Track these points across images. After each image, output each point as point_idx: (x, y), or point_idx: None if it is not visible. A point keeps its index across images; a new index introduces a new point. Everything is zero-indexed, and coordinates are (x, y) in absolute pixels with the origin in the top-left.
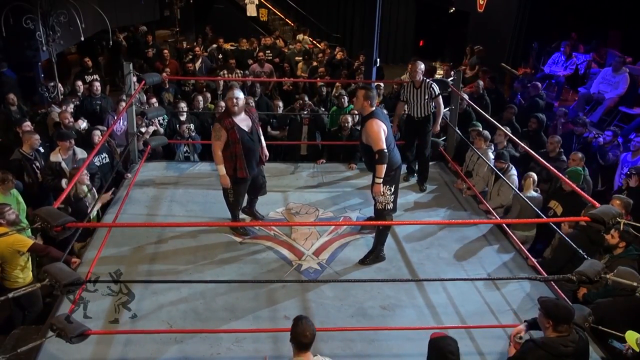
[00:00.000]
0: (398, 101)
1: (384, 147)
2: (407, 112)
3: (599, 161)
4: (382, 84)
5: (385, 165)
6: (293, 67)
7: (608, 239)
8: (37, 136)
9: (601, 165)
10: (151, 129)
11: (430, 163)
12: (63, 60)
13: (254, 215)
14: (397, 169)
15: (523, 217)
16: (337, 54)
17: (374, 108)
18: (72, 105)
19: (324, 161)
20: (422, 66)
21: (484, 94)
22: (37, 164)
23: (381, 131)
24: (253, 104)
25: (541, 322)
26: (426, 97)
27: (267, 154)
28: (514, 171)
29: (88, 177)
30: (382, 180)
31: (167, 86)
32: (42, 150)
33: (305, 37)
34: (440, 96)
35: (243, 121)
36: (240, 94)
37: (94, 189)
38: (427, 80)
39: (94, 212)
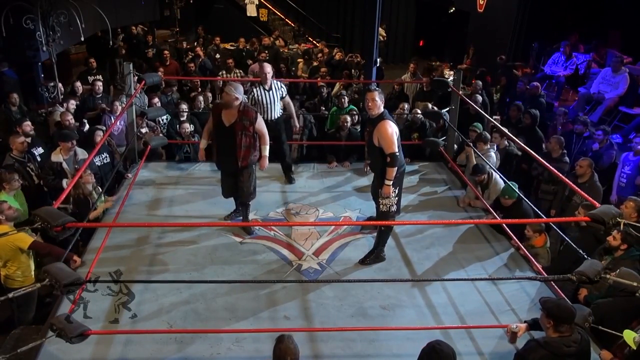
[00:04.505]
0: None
1: (396, 150)
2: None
3: (595, 166)
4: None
5: (396, 168)
6: (289, 67)
7: (610, 241)
8: (22, 138)
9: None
10: (150, 134)
11: (430, 163)
12: (65, 60)
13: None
14: (402, 171)
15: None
16: (336, 55)
17: (383, 109)
18: (73, 103)
19: (336, 164)
20: (269, 69)
21: (483, 94)
22: (31, 166)
23: (394, 134)
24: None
25: (542, 322)
26: (278, 98)
27: (265, 165)
28: (496, 176)
29: (92, 177)
30: (392, 182)
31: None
32: (42, 150)
33: (382, 29)
34: (288, 96)
35: (228, 115)
36: (230, 90)
37: (98, 187)
38: (275, 81)
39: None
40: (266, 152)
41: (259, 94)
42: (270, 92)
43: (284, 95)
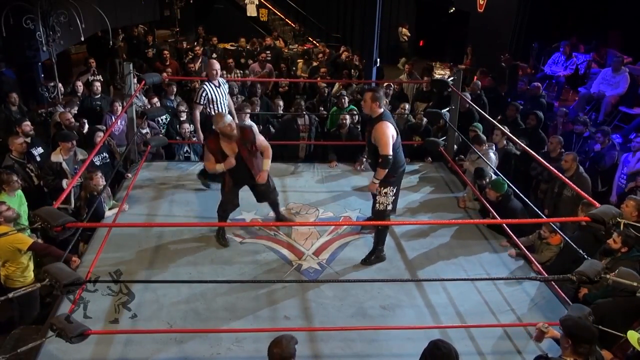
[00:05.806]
0: (196, 105)
1: (390, 153)
2: (210, 112)
3: (596, 167)
4: (392, 84)
5: (387, 170)
6: (289, 67)
7: (610, 244)
8: (21, 139)
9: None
10: (149, 136)
11: (430, 163)
12: (65, 60)
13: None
14: (401, 171)
15: None
16: (343, 54)
17: (382, 109)
18: (76, 107)
19: (337, 164)
20: (217, 65)
21: (482, 93)
22: (31, 167)
23: (390, 136)
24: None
25: (561, 341)
26: (226, 93)
27: (264, 178)
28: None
29: (103, 179)
30: (379, 180)
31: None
32: (42, 150)
33: (405, 29)
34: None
35: (230, 145)
36: (230, 121)
37: (108, 188)
38: (222, 78)
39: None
40: (267, 167)
41: (210, 91)
42: (219, 88)
43: (227, 91)
